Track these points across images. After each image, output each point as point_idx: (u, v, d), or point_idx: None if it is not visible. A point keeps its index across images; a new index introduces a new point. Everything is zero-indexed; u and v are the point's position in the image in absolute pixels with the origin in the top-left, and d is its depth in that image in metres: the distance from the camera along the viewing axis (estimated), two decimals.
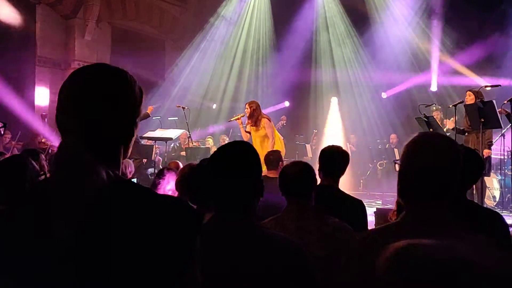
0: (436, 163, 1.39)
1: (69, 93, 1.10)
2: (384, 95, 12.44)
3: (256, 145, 6.92)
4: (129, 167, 5.11)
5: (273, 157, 4.36)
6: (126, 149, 1.17)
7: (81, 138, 1.05)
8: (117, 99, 1.11)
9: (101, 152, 1.07)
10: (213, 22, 13.54)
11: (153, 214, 1.01)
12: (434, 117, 7.80)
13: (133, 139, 1.18)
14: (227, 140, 10.76)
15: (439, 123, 7.73)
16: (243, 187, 1.62)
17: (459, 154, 1.42)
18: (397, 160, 1.51)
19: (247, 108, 7.16)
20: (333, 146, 3.28)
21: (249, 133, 7.24)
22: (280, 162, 4.36)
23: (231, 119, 7.71)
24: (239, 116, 7.51)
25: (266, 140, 7.09)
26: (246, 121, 7.28)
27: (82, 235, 0.96)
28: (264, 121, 7.09)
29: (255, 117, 7.08)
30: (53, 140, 9.37)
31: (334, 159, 3.15)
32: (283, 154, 6.80)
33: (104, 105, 1.09)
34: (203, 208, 2.33)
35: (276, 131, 7.42)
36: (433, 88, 11.61)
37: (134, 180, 5.82)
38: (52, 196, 0.98)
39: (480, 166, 2.59)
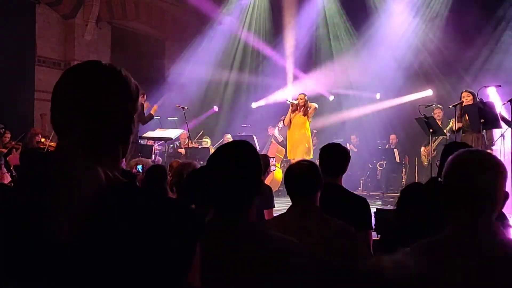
0: (483, 178, 1.44)
1: (62, 92, 1.07)
2: (378, 95, 12.42)
3: (298, 128, 8.40)
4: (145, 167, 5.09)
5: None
6: (125, 147, 1.13)
7: (76, 138, 1.02)
8: (111, 96, 1.07)
9: (98, 152, 1.04)
10: (213, 22, 13.53)
11: (153, 216, 0.98)
12: (435, 116, 7.78)
13: (132, 136, 1.14)
14: (230, 139, 10.73)
15: (440, 123, 7.72)
16: (241, 188, 1.60)
17: (500, 166, 1.48)
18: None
19: (301, 98, 8.41)
20: (332, 143, 3.26)
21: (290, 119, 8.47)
22: (268, 168, 4.30)
23: (289, 101, 8.69)
24: (294, 102, 8.56)
25: (303, 128, 8.28)
26: (293, 109, 8.48)
27: (78, 237, 0.93)
28: (310, 113, 8.45)
29: (305, 107, 8.39)
30: (52, 140, 9.35)
31: (336, 157, 3.12)
32: (310, 156, 8.19)
33: (98, 102, 1.05)
34: (201, 208, 2.32)
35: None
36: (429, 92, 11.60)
37: None
38: (47, 198, 0.95)
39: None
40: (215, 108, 12.83)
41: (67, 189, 0.94)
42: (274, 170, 9.26)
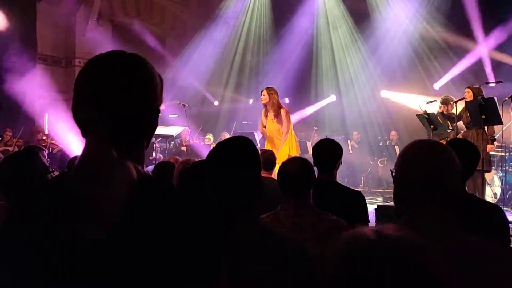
0: (433, 169, 1.44)
1: (88, 84, 1.02)
2: (383, 93, 12.39)
3: (273, 140, 6.34)
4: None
5: (270, 158, 4.27)
6: (149, 140, 1.10)
7: (106, 134, 0.98)
8: (139, 88, 1.03)
9: (125, 147, 1.00)
10: (214, 19, 13.53)
11: (180, 214, 0.97)
12: (440, 111, 7.70)
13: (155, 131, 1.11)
14: (227, 136, 10.73)
15: (440, 119, 7.69)
16: (243, 183, 1.60)
17: (453, 157, 1.46)
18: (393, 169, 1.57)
19: (264, 95, 6.25)
20: (325, 139, 3.24)
21: (264, 126, 6.46)
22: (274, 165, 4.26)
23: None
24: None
25: (280, 135, 6.28)
26: (263, 111, 6.39)
27: (110, 237, 0.90)
28: (283, 112, 6.28)
29: (275, 105, 6.19)
30: (53, 137, 9.38)
31: (329, 152, 3.11)
32: (297, 154, 6.29)
33: (126, 95, 1.01)
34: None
35: (292, 129, 6.50)
36: (436, 86, 11.57)
37: None
38: (78, 195, 0.91)
39: (475, 157, 2.65)
40: (216, 103, 12.77)
41: (100, 188, 0.91)
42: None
